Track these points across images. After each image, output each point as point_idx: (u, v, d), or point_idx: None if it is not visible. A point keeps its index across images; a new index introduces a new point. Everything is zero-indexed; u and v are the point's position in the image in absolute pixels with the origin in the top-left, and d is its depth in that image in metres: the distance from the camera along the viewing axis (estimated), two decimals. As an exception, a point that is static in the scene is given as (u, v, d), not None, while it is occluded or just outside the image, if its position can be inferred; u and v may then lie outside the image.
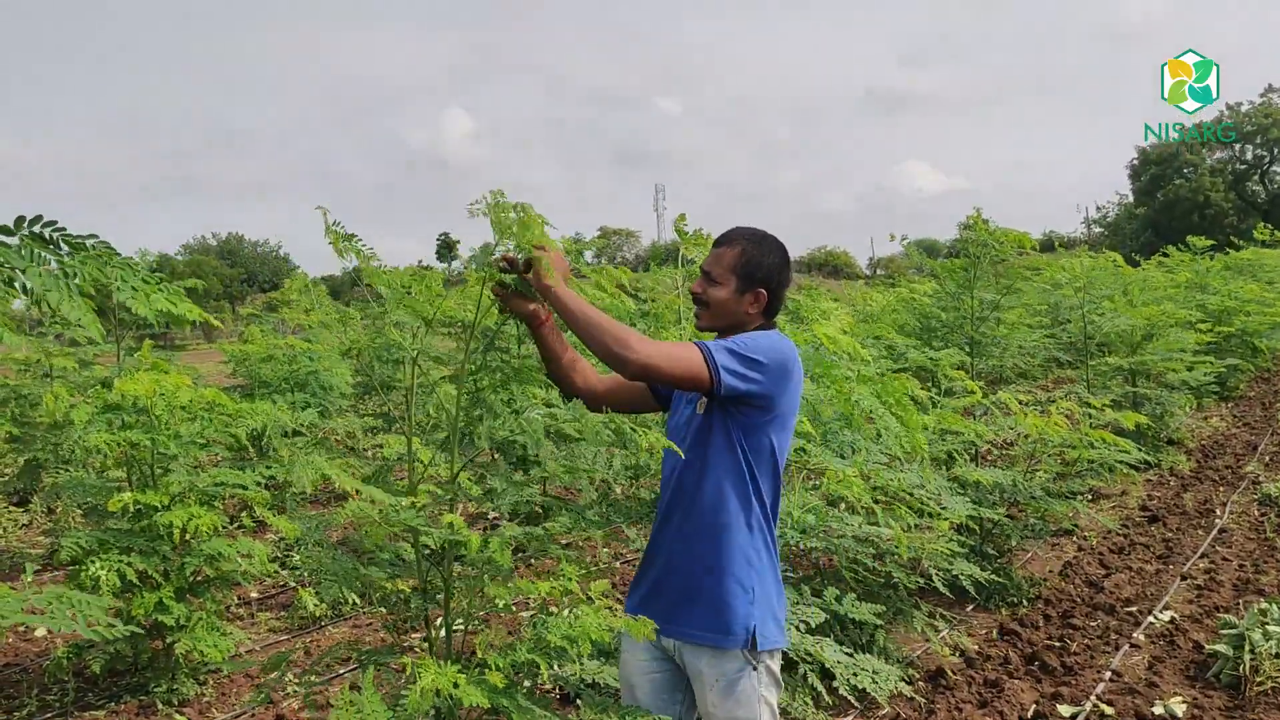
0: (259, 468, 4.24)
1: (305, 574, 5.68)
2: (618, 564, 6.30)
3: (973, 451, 5.46)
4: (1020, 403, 4.92)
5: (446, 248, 77.03)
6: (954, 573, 4.34)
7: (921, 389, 3.76)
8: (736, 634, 2.20)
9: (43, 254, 1.30)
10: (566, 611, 2.20)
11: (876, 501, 3.73)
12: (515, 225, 2.10)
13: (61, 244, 1.35)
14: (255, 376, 7.99)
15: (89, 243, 1.38)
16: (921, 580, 4.41)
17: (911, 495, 3.78)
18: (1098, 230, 58.70)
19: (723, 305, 2.30)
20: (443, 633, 2.37)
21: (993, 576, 4.70)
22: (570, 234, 2.58)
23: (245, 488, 4.15)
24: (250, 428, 4.21)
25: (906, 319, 7.09)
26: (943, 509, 3.82)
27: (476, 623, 2.42)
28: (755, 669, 2.22)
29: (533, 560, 5.97)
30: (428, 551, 2.40)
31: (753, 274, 2.29)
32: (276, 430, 5.02)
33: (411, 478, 2.40)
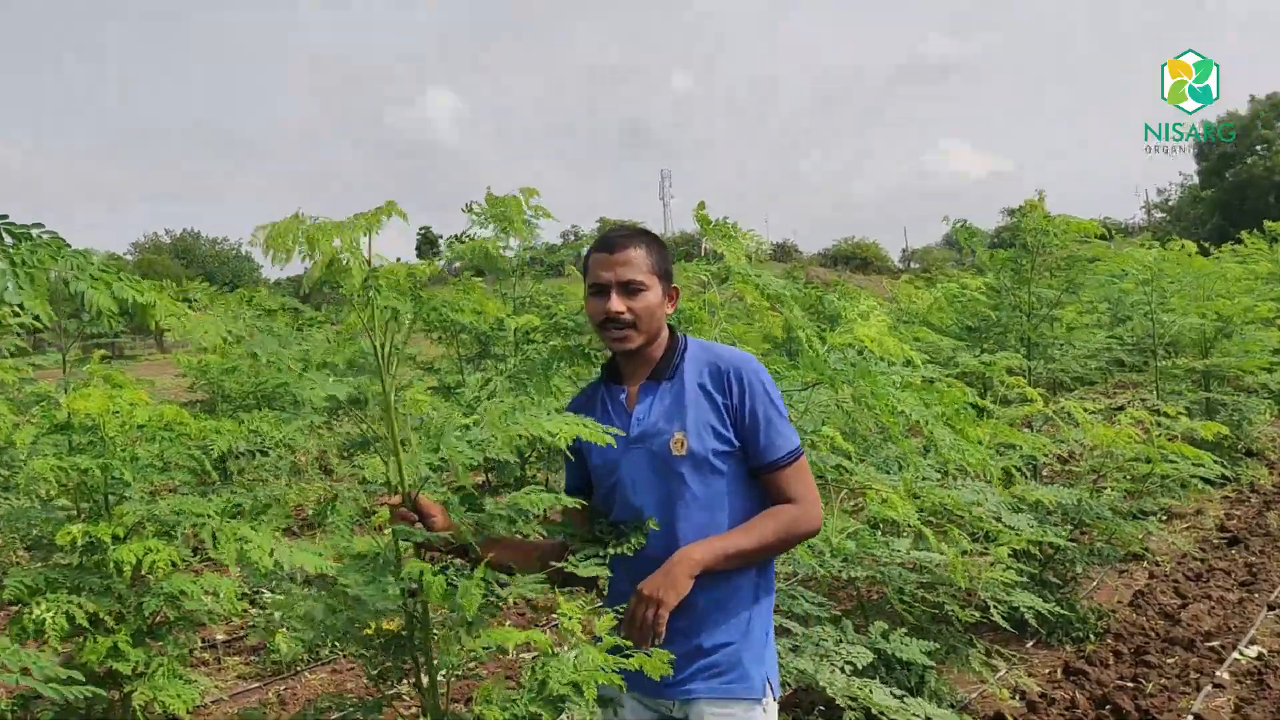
0: (223, 494, 4.19)
1: (277, 615, 5.64)
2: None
3: (1032, 467, 5.40)
4: (1087, 412, 4.86)
5: (428, 243, 77.17)
6: (1013, 604, 4.27)
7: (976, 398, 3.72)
8: (756, 687, 2.27)
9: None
10: (571, 653, 2.16)
11: (927, 523, 3.68)
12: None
13: (4, 235, 1.32)
14: (217, 390, 7.98)
15: (34, 232, 1.35)
16: (977, 614, 4.35)
17: (969, 514, 3.72)
18: (1159, 215, 58.52)
19: (653, 312, 2.26)
20: (430, 682, 2.33)
21: (1056, 608, 4.63)
22: (567, 225, 2.54)
23: (209, 516, 4.10)
24: (216, 451, 4.16)
25: (952, 318, 7.01)
26: (1010, 528, 3.76)
27: (464, 671, 2.38)
28: (765, 710, 2.29)
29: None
30: (409, 593, 2.35)
31: (668, 271, 2.33)
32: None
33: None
